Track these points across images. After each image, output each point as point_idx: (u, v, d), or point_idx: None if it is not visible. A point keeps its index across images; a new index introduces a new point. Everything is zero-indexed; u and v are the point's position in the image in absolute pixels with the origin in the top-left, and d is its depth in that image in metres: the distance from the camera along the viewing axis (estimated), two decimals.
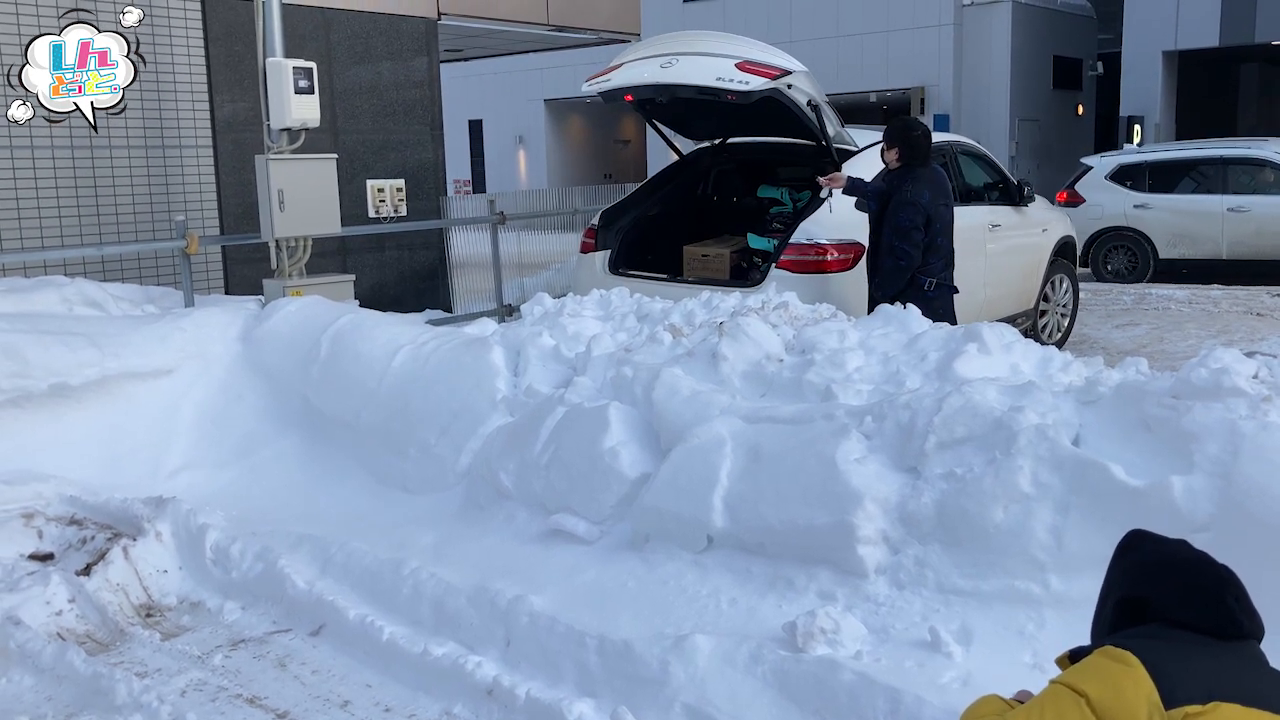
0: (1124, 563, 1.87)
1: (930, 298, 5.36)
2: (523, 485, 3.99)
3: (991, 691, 2.48)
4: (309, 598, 3.60)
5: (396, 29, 9.06)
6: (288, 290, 6.19)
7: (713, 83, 5.76)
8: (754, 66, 5.74)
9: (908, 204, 5.38)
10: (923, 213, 5.37)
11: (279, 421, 5.00)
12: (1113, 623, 1.79)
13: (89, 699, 3.13)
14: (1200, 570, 1.77)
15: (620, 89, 6.23)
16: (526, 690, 2.94)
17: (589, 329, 4.86)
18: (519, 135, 27.39)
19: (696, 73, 5.87)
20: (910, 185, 5.42)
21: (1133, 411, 3.11)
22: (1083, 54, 22.66)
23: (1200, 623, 1.69)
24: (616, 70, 6.24)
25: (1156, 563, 1.80)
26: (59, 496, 4.40)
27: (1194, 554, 1.82)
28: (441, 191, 9.55)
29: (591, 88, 6.31)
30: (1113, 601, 1.83)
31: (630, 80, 6.16)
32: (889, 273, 5.43)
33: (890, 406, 3.37)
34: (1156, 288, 11.45)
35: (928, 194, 5.41)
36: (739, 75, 5.69)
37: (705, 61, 5.90)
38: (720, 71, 5.77)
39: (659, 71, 6.00)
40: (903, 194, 5.42)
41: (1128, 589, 1.79)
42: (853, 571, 3.10)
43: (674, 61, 5.99)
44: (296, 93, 6.28)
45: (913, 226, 5.37)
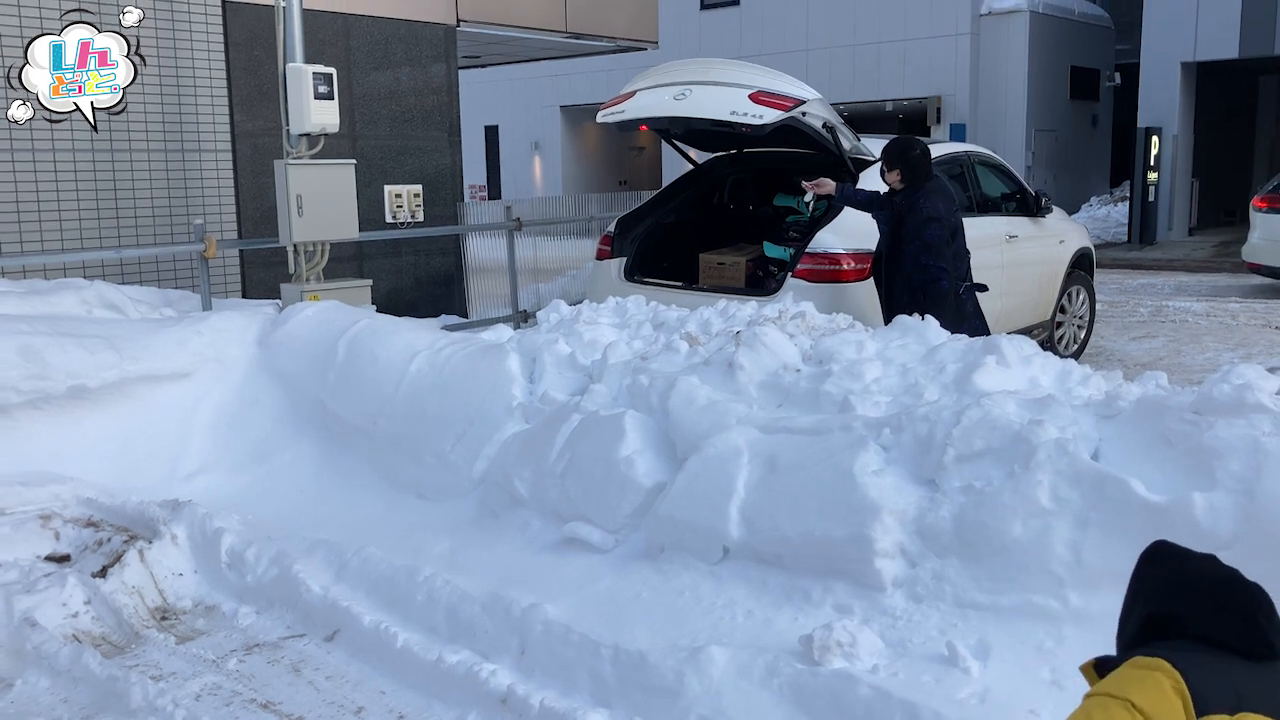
0: (1149, 576, 1.84)
1: (963, 300, 5.48)
2: (538, 493, 3.99)
3: (1006, 707, 2.47)
4: (324, 603, 3.60)
5: (416, 35, 9.10)
6: (305, 295, 6.21)
7: (727, 116, 5.78)
8: (768, 98, 5.75)
9: (931, 220, 5.40)
10: (947, 225, 5.42)
11: (295, 426, 5.02)
12: (1138, 637, 1.77)
13: (104, 701, 3.14)
14: (1232, 588, 1.74)
15: (634, 120, 6.27)
16: (541, 700, 2.93)
17: (605, 336, 4.86)
18: (535, 141, 27.44)
19: (710, 105, 5.88)
20: (925, 201, 5.45)
21: (1153, 426, 3.08)
22: (1100, 64, 22.57)
23: (1231, 641, 1.67)
24: (629, 100, 6.25)
25: (1185, 578, 1.77)
26: (76, 498, 4.41)
27: (1224, 570, 1.79)
28: (459, 197, 9.57)
29: (606, 118, 6.33)
30: (1138, 616, 1.80)
31: (644, 112, 6.20)
32: (936, 297, 5.40)
33: (908, 418, 3.35)
34: (1174, 300, 11.38)
35: (943, 207, 5.47)
36: (754, 109, 5.70)
37: (719, 92, 5.90)
38: (734, 105, 5.77)
39: (672, 104, 6.02)
40: (920, 211, 5.44)
41: (1155, 604, 1.76)
42: (870, 585, 3.09)
43: (687, 93, 6.00)
44: (316, 98, 6.31)
45: (943, 241, 5.43)
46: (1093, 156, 23.21)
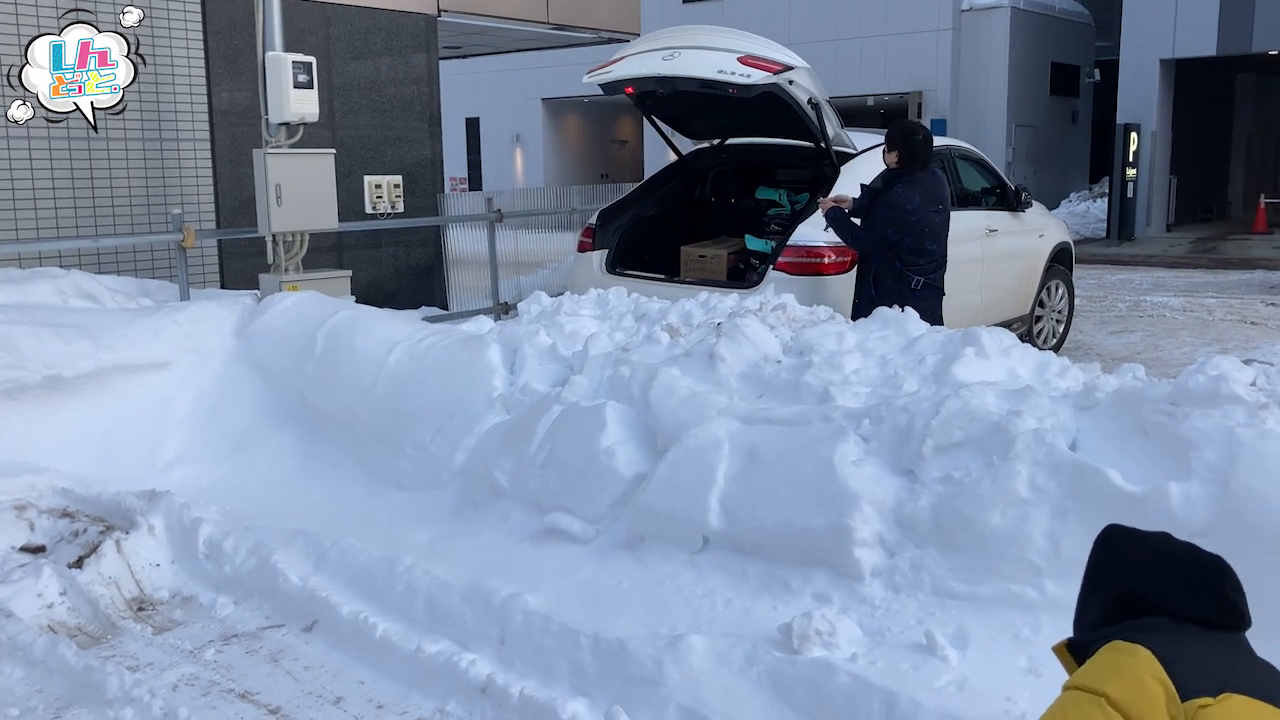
0: (1112, 557, 1.84)
1: (919, 297, 5.42)
2: (518, 484, 3.98)
3: (984, 696, 2.49)
4: (302, 593, 3.59)
5: (396, 25, 9.05)
6: (284, 285, 6.16)
7: (714, 75, 5.77)
8: (756, 61, 5.74)
9: (887, 204, 5.48)
10: (901, 214, 5.43)
11: (274, 417, 4.98)
12: (1107, 617, 1.77)
13: (80, 692, 3.12)
14: (1196, 563, 1.75)
15: (621, 80, 6.23)
16: (520, 689, 2.93)
17: (586, 328, 4.85)
18: (516, 134, 27.36)
19: (698, 65, 5.87)
20: (901, 188, 5.48)
21: (1130, 417, 3.11)
22: (1080, 61, 22.71)
23: (1202, 615, 1.67)
24: (618, 63, 6.24)
25: (1149, 557, 1.78)
26: (51, 489, 4.37)
27: (1185, 546, 1.80)
28: (439, 188, 9.53)
29: (593, 79, 6.30)
30: (1105, 596, 1.79)
31: (631, 72, 6.16)
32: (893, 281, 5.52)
33: (888, 409, 3.37)
34: (1151, 295, 11.47)
35: (918, 199, 5.46)
36: (741, 69, 5.70)
37: (707, 55, 5.90)
38: (722, 65, 5.77)
39: (660, 64, 6.00)
40: (889, 194, 5.50)
41: (1124, 583, 1.75)
42: (849, 574, 3.10)
43: (676, 54, 5.99)
44: (295, 87, 6.26)
45: (888, 224, 5.46)
46: (1072, 152, 23.35)
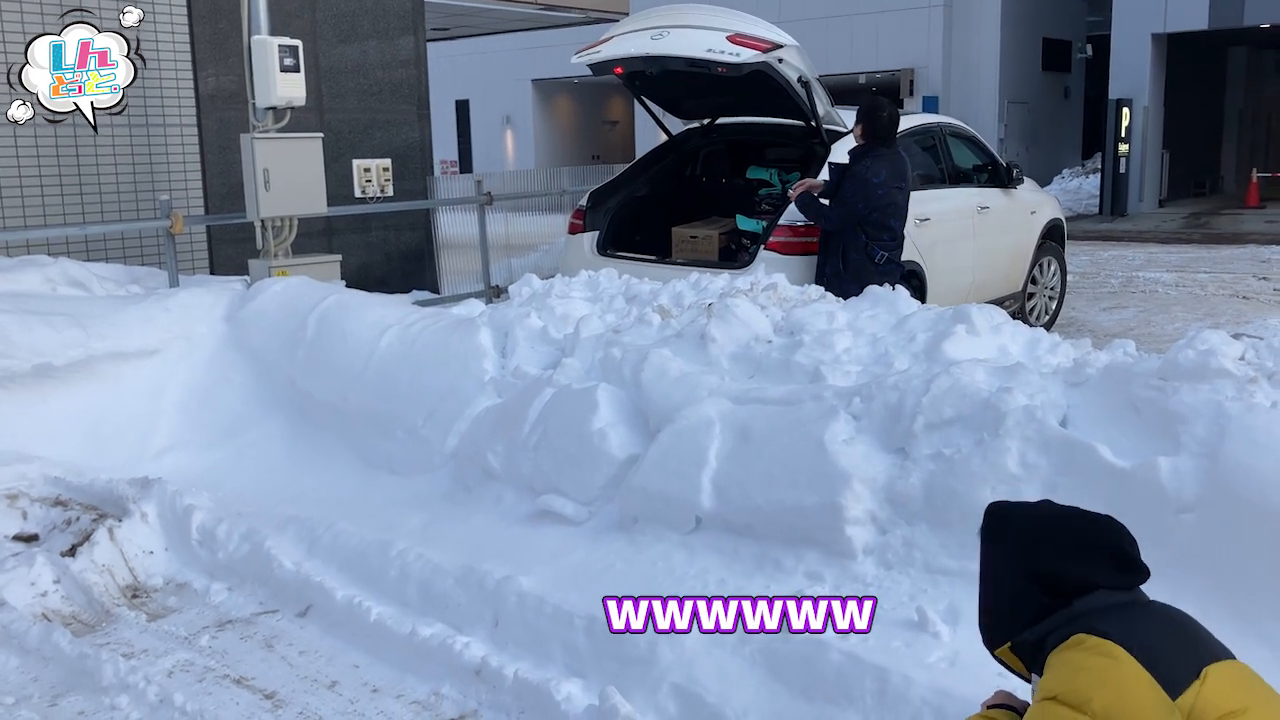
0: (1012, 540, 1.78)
1: (882, 271, 5.49)
2: (511, 467, 3.98)
3: (975, 671, 2.50)
4: (296, 579, 3.59)
5: (383, 7, 8.98)
6: (273, 270, 6.14)
7: (703, 54, 5.75)
8: (745, 39, 5.73)
9: (855, 178, 5.52)
10: (869, 187, 5.47)
11: (265, 403, 4.98)
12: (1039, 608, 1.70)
13: (75, 680, 3.12)
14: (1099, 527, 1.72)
15: (610, 60, 6.20)
16: (515, 670, 2.94)
17: (577, 310, 4.84)
18: (506, 116, 27.24)
19: (687, 45, 5.85)
20: (868, 162, 5.52)
21: (1120, 393, 3.11)
22: (1072, 36, 22.63)
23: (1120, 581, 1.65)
24: (607, 42, 6.22)
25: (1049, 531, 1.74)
26: (43, 477, 4.37)
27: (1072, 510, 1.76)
28: (428, 171, 9.49)
29: (581, 59, 6.27)
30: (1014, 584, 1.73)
31: (620, 52, 6.13)
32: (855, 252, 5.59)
33: (878, 388, 3.37)
34: (1144, 271, 11.48)
35: (884, 172, 5.52)
36: (730, 48, 5.68)
37: (696, 34, 5.88)
38: (711, 44, 5.76)
39: (649, 43, 5.98)
40: (856, 167, 5.54)
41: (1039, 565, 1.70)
42: (840, 552, 3.10)
43: (665, 34, 5.97)
44: (282, 71, 6.21)
45: (857, 198, 5.50)
46: (1065, 128, 23.30)
